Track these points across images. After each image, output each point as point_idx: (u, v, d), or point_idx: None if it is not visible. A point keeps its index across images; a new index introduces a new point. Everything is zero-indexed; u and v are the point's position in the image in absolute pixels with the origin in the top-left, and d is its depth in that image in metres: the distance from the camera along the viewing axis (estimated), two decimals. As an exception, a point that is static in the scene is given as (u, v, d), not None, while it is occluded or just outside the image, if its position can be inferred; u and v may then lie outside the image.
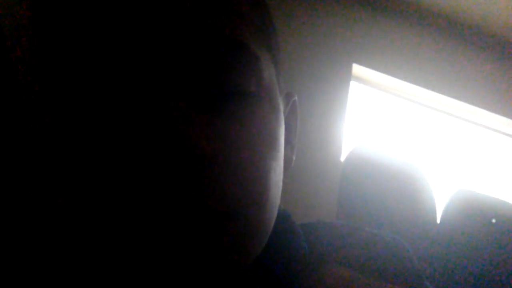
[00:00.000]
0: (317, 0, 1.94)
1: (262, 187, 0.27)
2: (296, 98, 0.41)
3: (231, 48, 0.27)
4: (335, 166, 1.59)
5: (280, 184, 0.31)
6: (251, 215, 0.26)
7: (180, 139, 0.22)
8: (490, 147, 2.09)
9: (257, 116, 0.28)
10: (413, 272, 0.36)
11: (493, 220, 1.56)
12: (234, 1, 0.29)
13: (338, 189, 1.48)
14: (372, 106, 1.96)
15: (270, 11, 0.35)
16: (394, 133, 1.91)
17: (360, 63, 1.92)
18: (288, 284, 0.32)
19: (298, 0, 1.90)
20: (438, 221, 1.53)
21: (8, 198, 0.26)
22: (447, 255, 1.43)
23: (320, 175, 1.57)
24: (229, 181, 0.25)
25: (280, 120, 0.32)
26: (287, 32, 1.75)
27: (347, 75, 1.86)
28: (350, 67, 1.89)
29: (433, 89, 1.98)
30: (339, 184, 1.49)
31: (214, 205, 0.24)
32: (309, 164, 1.55)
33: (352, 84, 1.89)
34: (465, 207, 1.56)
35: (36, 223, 0.26)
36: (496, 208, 1.61)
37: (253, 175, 0.26)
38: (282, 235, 0.33)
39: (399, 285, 0.34)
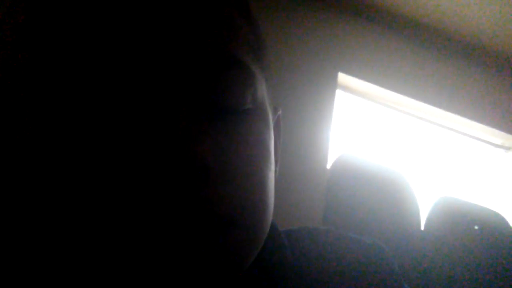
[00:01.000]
0: (303, 10, 1.96)
1: (260, 197, 0.28)
2: (280, 112, 0.42)
3: (230, 66, 0.28)
4: (321, 174, 1.60)
5: (273, 197, 0.32)
6: (251, 223, 0.27)
7: (187, 154, 0.23)
8: (472, 155, 2.12)
9: (254, 131, 0.29)
10: (393, 275, 0.37)
11: (476, 227, 1.58)
12: (231, 19, 0.30)
13: (324, 196, 1.49)
14: (358, 115, 1.98)
15: (261, 26, 0.36)
16: (379, 141, 1.94)
17: (346, 72, 1.94)
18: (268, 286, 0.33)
19: (284, 10, 1.92)
20: (422, 228, 1.55)
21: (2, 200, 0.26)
22: (431, 260, 1.45)
23: (306, 182, 1.58)
24: (231, 192, 0.25)
25: (271, 133, 0.33)
26: (272, 41, 1.77)
27: (333, 84, 1.88)
28: (335, 76, 1.91)
29: (417, 98, 2.01)
30: (325, 191, 1.50)
31: (217, 212, 0.24)
32: (295, 172, 1.56)
33: (338, 92, 1.91)
34: (448, 214, 1.58)
35: (29, 225, 0.26)
36: (479, 215, 1.63)
37: (252, 186, 0.27)
38: (267, 242, 0.34)
39: (377, 286, 0.35)
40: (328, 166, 1.61)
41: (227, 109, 0.27)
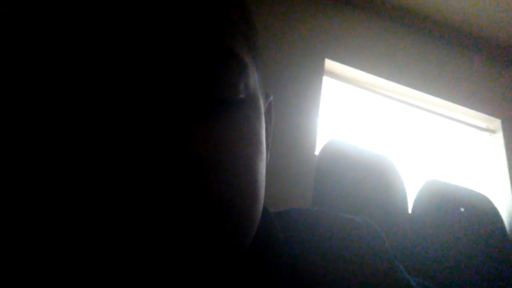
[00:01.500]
0: (289, -4, 1.96)
1: (253, 186, 0.29)
2: (272, 98, 0.42)
3: (223, 57, 0.28)
4: (309, 160, 1.61)
5: (264, 182, 0.32)
6: (244, 211, 0.27)
7: (182, 147, 0.23)
8: (457, 139, 2.15)
9: (245, 120, 0.29)
10: (385, 253, 0.37)
11: (462, 209, 1.61)
12: (224, 10, 0.29)
13: (313, 182, 1.50)
14: (345, 101, 1.99)
15: (252, 13, 0.36)
16: (366, 126, 1.95)
17: (332, 59, 1.95)
18: (264, 268, 0.33)
19: (271, -4, 1.91)
20: (410, 211, 1.57)
21: None
22: (418, 242, 1.47)
23: (295, 169, 1.59)
24: (225, 181, 0.26)
25: (262, 122, 0.33)
26: (259, 28, 1.76)
27: (320, 70, 1.89)
28: (322, 63, 1.92)
29: (403, 83, 2.03)
30: (314, 177, 1.51)
31: (213, 201, 0.25)
32: (284, 158, 1.57)
33: (325, 79, 1.91)
34: (435, 196, 1.61)
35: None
36: (465, 197, 1.66)
37: (244, 175, 0.28)
38: (261, 227, 0.35)
39: (371, 267, 0.35)
40: (317, 152, 1.62)
41: (220, 100, 0.28)
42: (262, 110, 0.34)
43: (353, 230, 0.38)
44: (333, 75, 1.99)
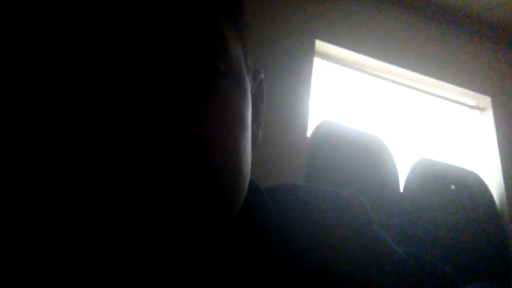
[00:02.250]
0: (278, -23, 1.93)
1: (235, 158, 0.30)
2: (263, 76, 0.42)
3: (206, 31, 0.28)
4: (301, 142, 1.62)
5: (249, 158, 0.33)
6: (229, 180, 0.29)
7: (174, 121, 0.25)
8: (448, 117, 2.16)
9: (227, 95, 0.30)
10: (368, 223, 0.39)
11: (453, 187, 1.63)
12: None
13: (305, 163, 1.51)
14: (336, 82, 1.99)
15: None
16: (357, 107, 1.95)
17: (323, 39, 1.94)
18: (255, 238, 0.35)
19: (259, -23, 1.89)
20: (401, 190, 1.59)
21: None
22: (410, 220, 1.49)
23: (287, 150, 1.60)
24: (211, 153, 0.27)
25: (247, 99, 0.33)
26: (248, 9, 1.74)
27: (311, 52, 1.88)
28: (313, 44, 1.91)
29: (392, 63, 2.03)
30: (306, 158, 1.52)
31: (202, 167, 0.26)
32: (276, 140, 1.57)
33: (316, 60, 1.91)
34: (426, 175, 1.62)
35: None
36: (455, 175, 1.68)
37: (228, 149, 0.29)
38: (251, 201, 0.36)
39: (355, 236, 0.37)
40: (309, 133, 1.62)
41: (200, 74, 0.28)
42: (248, 86, 0.34)
43: (338, 202, 0.40)
44: (323, 56, 1.98)
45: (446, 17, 2.25)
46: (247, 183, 0.32)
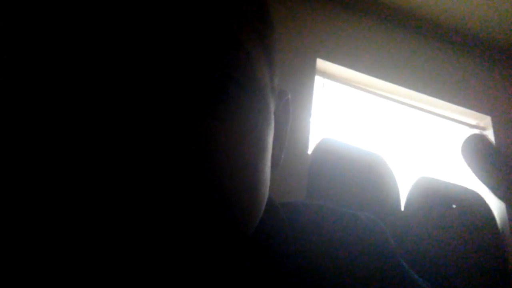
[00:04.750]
0: (280, -3, 1.96)
1: (253, 181, 0.29)
2: (289, 96, 0.41)
3: (224, 42, 0.27)
4: (302, 159, 1.62)
5: (268, 180, 0.32)
6: (245, 203, 0.28)
7: (183, 140, 0.24)
8: (449, 136, 2.16)
9: (244, 112, 0.29)
10: (390, 251, 0.37)
11: (454, 206, 1.62)
12: (235, 2, 0.29)
13: (306, 181, 1.51)
14: (337, 100, 2.00)
15: (271, 13, 0.35)
16: (358, 125, 1.96)
17: (324, 58, 1.95)
18: (269, 256, 0.34)
19: (261, -3, 1.91)
20: (402, 208, 1.58)
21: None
22: (412, 239, 1.48)
23: (288, 168, 1.59)
24: (225, 175, 0.26)
25: (269, 120, 0.32)
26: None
27: (312, 70, 1.90)
28: (314, 62, 1.92)
29: (394, 82, 2.04)
30: (307, 176, 1.52)
31: (213, 194, 0.25)
32: (277, 158, 1.56)
33: (317, 78, 1.92)
34: (427, 194, 1.62)
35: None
36: (457, 194, 1.67)
37: (244, 170, 0.28)
38: (267, 219, 0.35)
39: (376, 263, 0.35)
40: (309, 151, 1.62)
41: (224, 91, 0.27)
42: (271, 106, 0.33)
43: (357, 227, 0.38)
44: (324, 74, 1.99)
45: (446, 37, 2.27)
46: (263, 206, 0.31)
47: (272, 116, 0.33)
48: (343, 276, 0.34)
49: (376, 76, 2.02)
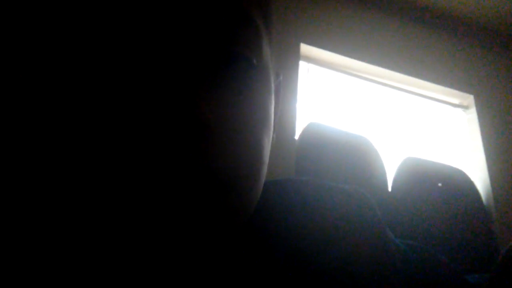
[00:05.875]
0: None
1: (257, 162, 0.28)
2: (281, 78, 0.41)
3: (239, 20, 0.27)
4: (290, 145, 1.63)
5: (267, 161, 0.31)
6: (246, 189, 0.27)
7: (189, 112, 0.23)
8: (432, 116, 2.19)
9: (256, 91, 0.29)
10: (376, 220, 0.38)
11: (439, 184, 1.65)
12: None
13: (294, 166, 1.52)
14: (322, 84, 2.00)
15: None
16: (344, 108, 1.97)
17: (308, 43, 1.95)
18: (258, 236, 0.34)
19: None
20: (390, 189, 1.61)
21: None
22: (399, 219, 1.51)
23: (276, 153, 1.59)
24: (228, 151, 0.25)
25: (272, 99, 0.32)
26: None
27: (296, 55, 1.89)
28: (298, 47, 1.92)
29: (377, 64, 2.05)
30: (294, 161, 1.53)
31: (216, 173, 0.24)
32: (264, 145, 1.57)
33: (301, 64, 1.92)
34: (413, 173, 1.64)
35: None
36: (442, 173, 1.70)
37: (250, 149, 0.27)
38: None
39: (363, 234, 0.36)
40: (296, 136, 1.63)
41: (234, 67, 0.27)
42: (273, 85, 0.33)
43: (345, 199, 0.38)
44: (309, 59, 1.99)
45: (427, 17, 2.28)
46: (261, 186, 0.30)
47: (273, 93, 0.33)
48: (332, 250, 0.34)
49: (359, 60, 2.03)
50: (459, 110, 2.24)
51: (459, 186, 1.71)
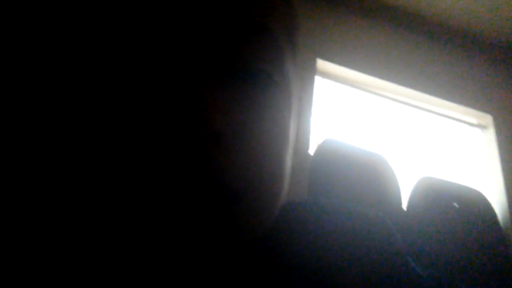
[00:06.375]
0: (279, -3, 1.96)
1: (272, 174, 0.27)
2: (312, 104, 0.41)
3: (258, 32, 0.27)
4: (304, 160, 1.62)
5: (287, 178, 0.31)
6: (258, 197, 0.26)
7: (201, 119, 0.22)
8: (450, 136, 2.16)
9: (274, 104, 0.28)
10: (397, 249, 0.36)
11: (456, 205, 1.62)
12: None
13: (308, 181, 1.51)
14: (338, 100, 2.00)
15: (297, 10, 0.35)
16: (359, 125, 1.96)
17: (324, 58, 1.95)
18: (273, 259, 0.33)
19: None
20: (404, 208, 1.58)
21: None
22: (414, 239, 1.48)
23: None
24: (241, 161, 0.25)
25: (291, 113, 0.32)
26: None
27: (312, 70, 1.89)
28: (314, 62, 1.92)
29: (394, 82, 2.04)
30: (308, 177, 1.51)
31: (225, 182, 0.24)
32: (278, 159, 1.56)
33: (317, 79, 1.92)
34: (429, 193, 1.62)
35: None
36: (458, 193, 1.67)
37: (263, 160, 0.26)
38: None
39: (383, 262, 0.34)
40: (311, 152, 1.62)
41: (253, 81, 0.27)
42: (294, 103, 0.33)
43: (365, 225, 0.37)
44: (325, 74, 1.99)
45: (447, 36, 2.27)
46: (279, 203, 0.30)
47: (293, 111, 0.33)
48: (349, 275, 0.33)
49: (376, 76, 2.02)
50: (477, 129, 2.21)
51: (476, 207, 1.67)
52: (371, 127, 1.99)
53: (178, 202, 0.23)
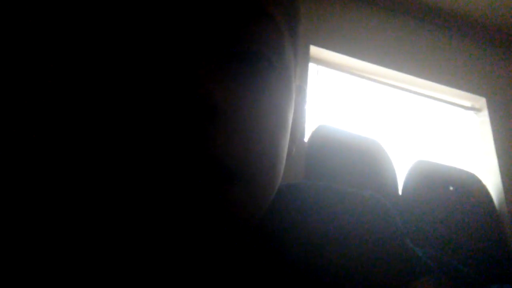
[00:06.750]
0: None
1: (267, 153, 0.27)
2: (306, 89, 0.41)
3: (259, 16, 0.27)
4: (299, 147, 1.62)
5: (283, 163, 0.31)
6: (254, 177, 0.26)
7: (195, 86, 0.22)
8: (444, 119, 2.17)
9: (273, 88, 0.28)
10: (393, 227, 0.37)
11: (451, 188, 1.63)
12: None
13: (303, 168, 1.51)
14: (331, 86, 1.99)
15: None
16: (354, 110, 1.96)
17: (317, 45, 1.95)
18: (270, 241, 0.33)
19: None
20: (400, 192, 1.59)
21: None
22: (410, 222, 1.49)
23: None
24: (237, 138, 0.25)
25: (291, 104, 0.32)
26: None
27: (305, 57, 1.89)
28: (307, 49, 1.91)
29: (388, 66, 2.04)
30: (304, 164, 1.52)
31: (221, 161, 0.23)
32: (274, 147, 1.56)
33: (310, 65, 1.91)
34: (424, 177, 1.63)
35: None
36: (453, 176, 1.68)
37: (260, 140, 0.26)
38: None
39: (381, 241, 0.35)
40: (306, 139, 1.62)
41: (251, 60, 0.27)
42: (293, 94, 0.33)
43: (361, 205, 0.37)
44: (318, 61, 1.99)
45: (439, 19, 2.26)
46: (276, 186, 0.29)
47: (293, 98, 0.33)
48: (348, 256, 0.33)
49: (370, 62, 2.02)
50: (471, 112, 2.22)
51: (471, 189, 1.68)
52: (366, 113, 1.99)
53: (170, 180, 0.22)
